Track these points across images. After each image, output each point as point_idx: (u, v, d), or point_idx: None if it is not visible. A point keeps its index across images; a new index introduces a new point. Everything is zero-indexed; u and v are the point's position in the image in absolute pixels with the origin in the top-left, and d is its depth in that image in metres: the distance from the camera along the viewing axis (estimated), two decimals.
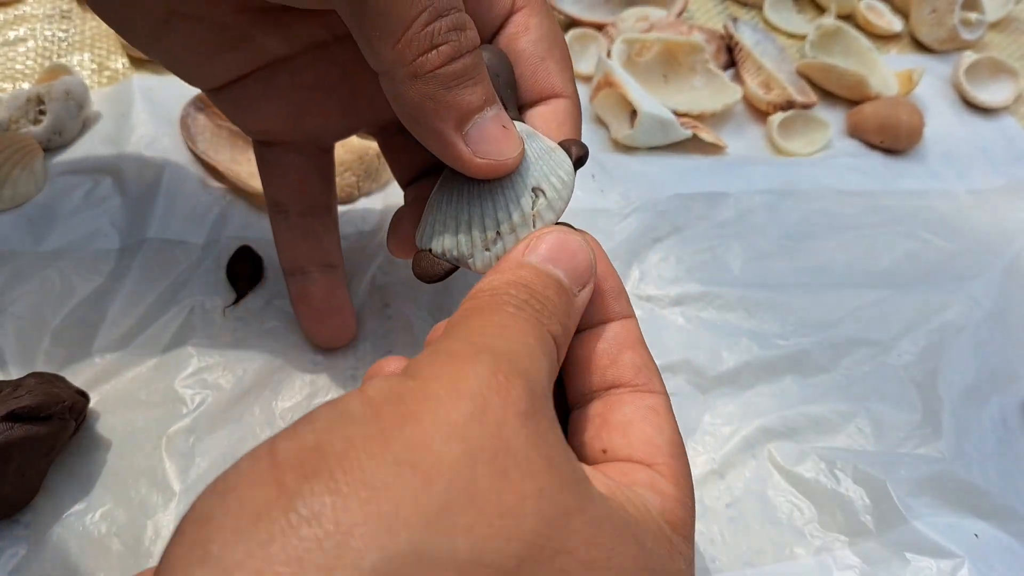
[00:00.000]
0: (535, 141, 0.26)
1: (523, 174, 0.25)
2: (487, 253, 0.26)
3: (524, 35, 0.27)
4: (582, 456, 0.23)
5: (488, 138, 0.23)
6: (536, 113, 0.28)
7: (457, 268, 0.26)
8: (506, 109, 0.25)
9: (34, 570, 0.30)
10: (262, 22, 0.28)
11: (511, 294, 0.21)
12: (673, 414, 0.23)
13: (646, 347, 0.25)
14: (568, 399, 0.25)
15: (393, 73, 0.23)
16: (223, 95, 0.31)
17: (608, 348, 0.24)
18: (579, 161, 0.27)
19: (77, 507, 0.32)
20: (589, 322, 0.25)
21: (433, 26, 0.22)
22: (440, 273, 0.27)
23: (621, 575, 0.17)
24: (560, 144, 0.27)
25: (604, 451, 0.22)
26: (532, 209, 0.25)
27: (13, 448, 0.30)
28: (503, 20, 0.27)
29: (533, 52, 0.27)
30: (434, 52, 0.22)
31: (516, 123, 0.26)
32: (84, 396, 0.33)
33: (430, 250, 0.27)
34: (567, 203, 0.26)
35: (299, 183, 0.33)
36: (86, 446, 0.33)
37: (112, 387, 0.35)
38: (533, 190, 0.25)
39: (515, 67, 0.27)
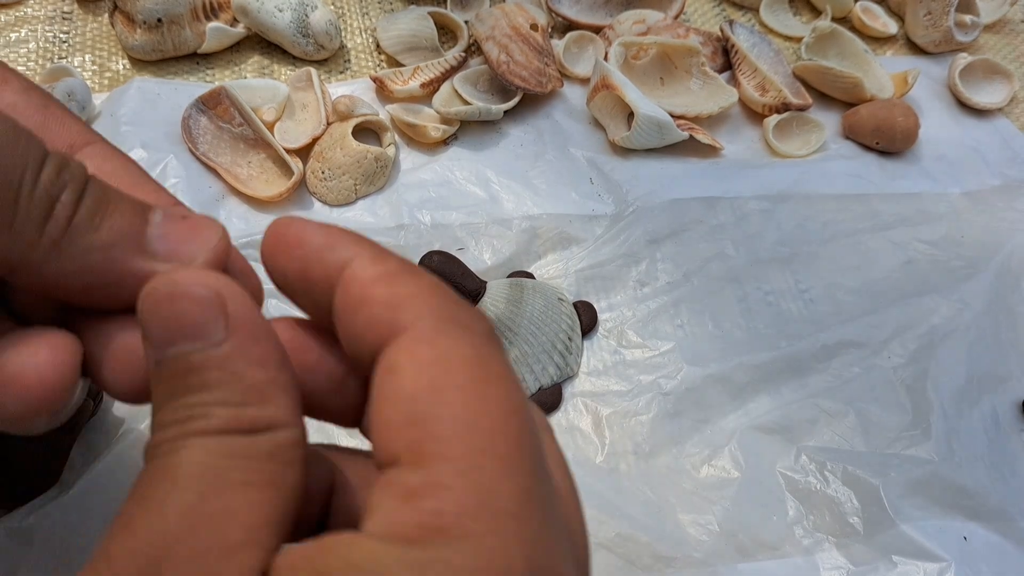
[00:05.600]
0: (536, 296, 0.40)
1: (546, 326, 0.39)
2: (570, 356, 0.39)
3: (2, 88, 0.20)
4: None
5: (177, 239, 0.19)
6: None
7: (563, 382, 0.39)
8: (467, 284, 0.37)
9: (63, 548, 0.30)
10: None
11: (160, 427, 0.16)
12: (446, 343, 0.16)
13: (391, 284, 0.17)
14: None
15: (31, 258, 0.17)
16: None
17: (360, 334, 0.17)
18: (589, 329, 0.41)
19: (102, 483, 0.32)
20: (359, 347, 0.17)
21: None
22: (560, 400, 0.38)
23: None
24: (575, 304, 0.41)
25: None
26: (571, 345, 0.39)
27: (23, 441, 0.30)
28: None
29: (26, 102, 0.20)
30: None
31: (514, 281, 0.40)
32: (89, 390, 0.34)
33: (540, 389, 0.38)
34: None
35: None
36: (106, 425, 0.34)
37: None
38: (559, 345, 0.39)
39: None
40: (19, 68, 0.50)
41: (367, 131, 0.47)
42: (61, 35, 0.52)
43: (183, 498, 0.15)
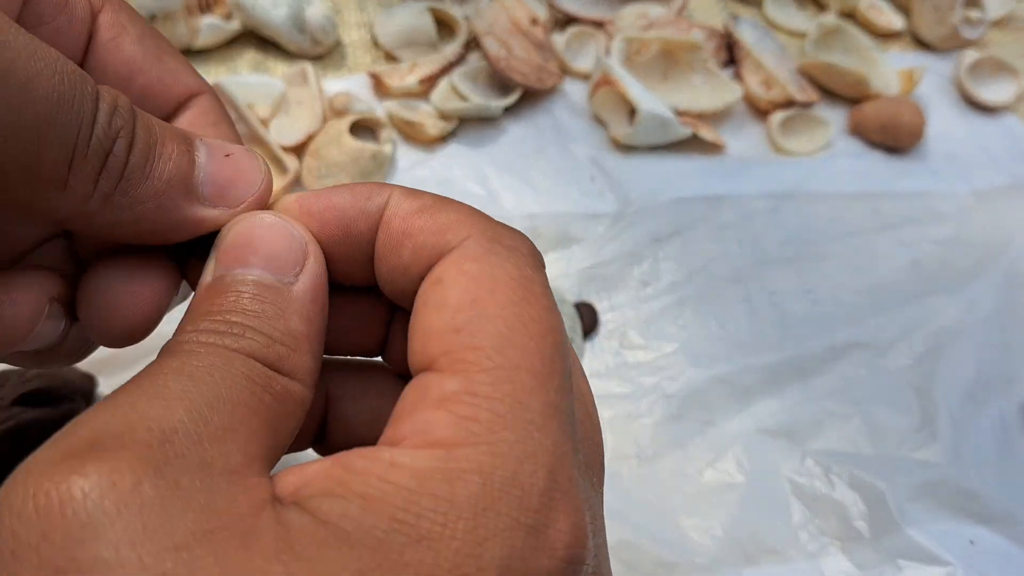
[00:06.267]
0: None
1: None
2: None
3: (122, 37, 0.20)
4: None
5: (224, 182, 0.18)
6: (184, 120, 0.21)
7: None
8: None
9: None
10: None
11: (194, 331, 0.16)
12: (492, 260, 0.17)
13: (445, 210, 0.18)
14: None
15: (84, 211, 0.17)
16: None
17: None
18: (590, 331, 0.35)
19: None
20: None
21: (100, 122, 0.16)
22: None
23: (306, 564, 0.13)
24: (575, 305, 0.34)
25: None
26: None
27: (28, 431, 0.30)
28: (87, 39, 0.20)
29: (143, 54, 0.21)
30: (112, 156, 0.17)
31: None
32: (91, 379, 0.34)
33: None
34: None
35: None
36: None
37: (118, 369, 0.35)
38: None
39: (132, 78, 0.21)
40: None
41: (364, 128, 0.46)
42: None
43: (196, 395, 0.15)
